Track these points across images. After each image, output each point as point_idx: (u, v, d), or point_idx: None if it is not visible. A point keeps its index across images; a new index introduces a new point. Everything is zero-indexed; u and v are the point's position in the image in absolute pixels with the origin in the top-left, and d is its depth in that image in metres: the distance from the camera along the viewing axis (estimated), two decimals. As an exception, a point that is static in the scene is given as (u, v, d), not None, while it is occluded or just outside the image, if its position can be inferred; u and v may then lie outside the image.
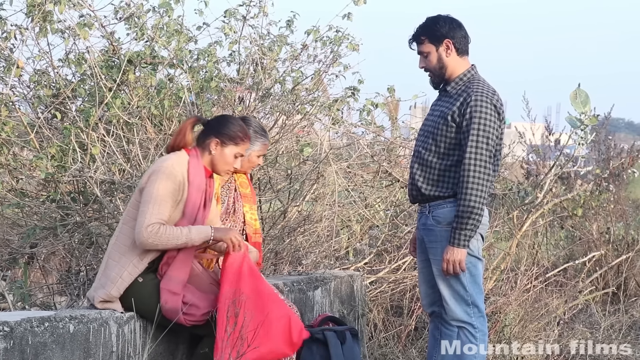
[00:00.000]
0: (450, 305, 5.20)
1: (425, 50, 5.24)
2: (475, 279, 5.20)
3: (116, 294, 4.74)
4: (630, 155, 9.67)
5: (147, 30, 7.00)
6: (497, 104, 5.07)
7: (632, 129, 58.10)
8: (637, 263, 9.52)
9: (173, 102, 6.84)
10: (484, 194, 5.00)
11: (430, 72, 5.28)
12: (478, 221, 5.02)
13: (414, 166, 5.32)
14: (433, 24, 5.24)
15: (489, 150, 5.01)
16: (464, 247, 5.03)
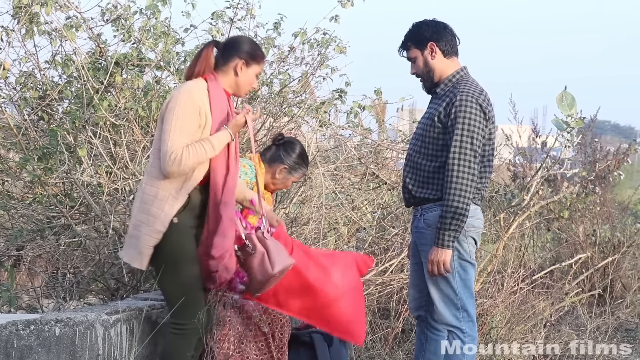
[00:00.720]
0: (440, 308, 5.19)
1: (412, 55, 5.27)
2: (466, 283, 5.19)
3: (162, 228, 4.66)
4: (616, 157, 9.67)
5: (134, 32, 7.00)
6: (483, 104, 5.06)
7: (618, 132, 58.25)
8: (623, 265, 9.54)
9: (160, 104, 6.83)
10: (468, 194, 4.98)
11: (420, 77, 5.31)
12: (462, 221, 5.00)
13: (405, 169, 5.34)
14: (417, 29, 5.28)
15: (474, 150, 5.00)
16: (448, 248, 5.02)
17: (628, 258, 9.73)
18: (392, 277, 7.18)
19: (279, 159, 5.65)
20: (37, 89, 6.93)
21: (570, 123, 7.96)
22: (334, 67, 7.64)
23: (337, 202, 7.64)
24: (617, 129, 63.77)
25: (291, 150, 5.68)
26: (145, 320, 4.92)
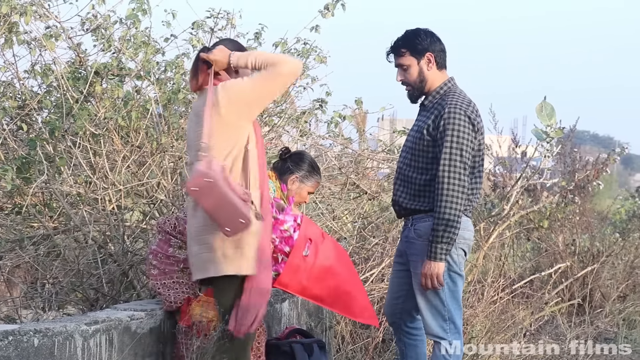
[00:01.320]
0: (427, 319, 5.19)
1: (405, 63, 5.22)
2: (454, 294, 5.19)
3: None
4: (595, 167, 9.73)
5: (114, 42, 6.98)
6: (471, 115, 5.05)
7: (597, 142, 58.58)
8: (602, 274, 9.59)
9: (140, 114, 6.82)
10: (459, 206, 4.99)
11: (409, 85, 5.27)
12: (454, 234, 5.00)
13: (396, 182, 5.35)
14: (414, 37, 5.22)
15: (464, 162, 5.00)
16: (441, 261, 5.02)
17: (607, 267, 9.79)
18: (372, 286, 7.19)
19: (288, 171, 5.60)
20: (16, 99, 6.91)
21: (549, 133, 7.99)
22: (314, 76, 7.66)
23: (317, 212, 7.65)
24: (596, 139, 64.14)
25: (299, 161, 5.64)
26: (124, 331, 4.90)
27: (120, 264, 6.27)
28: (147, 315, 5.10)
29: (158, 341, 5.16)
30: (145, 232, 6.82)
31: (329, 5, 7.47)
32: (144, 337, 5.04)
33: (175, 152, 6.83)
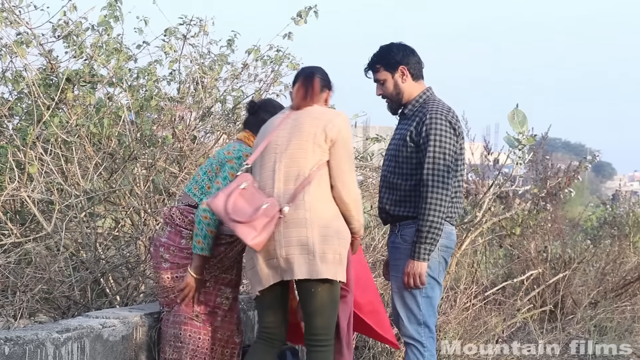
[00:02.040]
0: (404, 321, 5.28)
1: (381, 77, 5.36)
2: (431, 300, 5.28)
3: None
4: (566, 174, 9.78)
5: (86, 49, 6.96)
6: (452, 120, 5.18)
7: (568, 149, 58.99)
8: (574, 281, 9.64)
9: (112, 121, 6.80)
10: (444, 208, 5.10)
11: (388, 99, 5.41)
12: (438, 235, 5.11)
13: (381, 190, 5.44)
14: (387, 52, 5.36)
15: (447, 166, 5.11)
16: (424, 261, 5.13)
17: (578, 274, 9.84)
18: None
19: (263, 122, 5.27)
20: (-13, 106, 6.86)
21: (521, 140, 8.03)
22: (287, 84, 7.66)
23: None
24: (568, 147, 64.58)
25: (271, 107, 5.39)
26: (96, 339, 4.88)
27: (93, 272, 6.24)
28: (120, 323, 5.08)
29: (131, 349, 5.14)
30: (118, 240, 6.79)
31: (302, 13, 7.48)
32: (117, 345, 5.02)
33: (148, 159, 6.81)
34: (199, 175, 5.24)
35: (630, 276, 10.50)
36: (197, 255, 5.02)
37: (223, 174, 5.09)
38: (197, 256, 5.02)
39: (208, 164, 5.24)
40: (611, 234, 11.88)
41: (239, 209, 4.74)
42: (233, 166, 5.08)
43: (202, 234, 4.99)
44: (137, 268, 6.50)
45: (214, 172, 5.16)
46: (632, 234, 11.58)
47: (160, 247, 5.17)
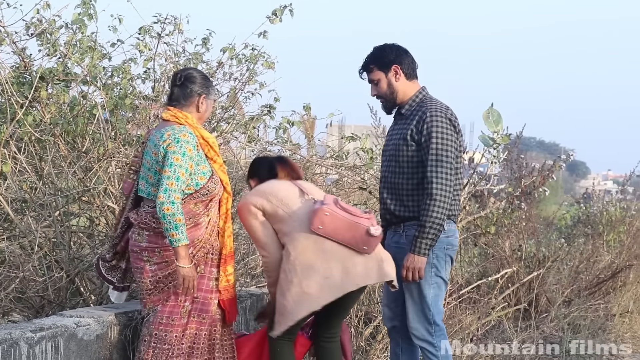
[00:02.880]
0: (414, 323, 5.35)
1: (375, 77, 5.44)
2: (438, 299, 5.35)
3: None
4: (541, 173, 9.82)
5: (59, 47, 6.92)
6: (452, 118, 5.27)
7: (543, 148, 59.27)
8: (548, 279, 9.69)
9: (87, 120, 6.76)
10: (447, 205, 5.17)
11: (382, 98, 5.48)
12: (439, 231, 5.18)
13: (383, 192, 5.50)
14: (380, 52, 5.45)
15: (449, 163, 5.19)
16: (424, 256, 5.19)
17: (552, 272, 9.89)
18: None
19: (192, 94, 5.24)
20: (-40, 104, 6.81)
21: (496, 139, 8.05)
22: (262, 82, 7.65)
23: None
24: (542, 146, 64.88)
25: (194, 79, 5.27)
26: (71, 338, 4.85)
27: (67, 271, 6.21)
28: (94, 322, 5.06)
29: (105, 348, 5.12)
30: (92, 238, 6.76)
31: (277, 11, 7.47)
32: (91, 344, 5.00)
33: (122, 158, 6.78)
34: (142, 171, 5.19)
35: (603, 274, 10.58)
36: (178, 248, 4.98)
37: (168, 162, 4.99)
38: (177, 248, 4.98)
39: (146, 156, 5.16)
40: (585, 232, 11.97)
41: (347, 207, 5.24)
42: (175, 151, 4.99)
43: (173, 225, 4.94)
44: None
45: (153, 163, 5.10)
46: (605, 233, 11.67)
47: (142, 252, 5.13)
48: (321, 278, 5.09)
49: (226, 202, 5.30)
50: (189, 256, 5.03)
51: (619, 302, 10.24)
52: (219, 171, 5.22)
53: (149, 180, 5.13)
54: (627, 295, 10.44)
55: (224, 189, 5.26)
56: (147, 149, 5.15)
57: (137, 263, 5.18)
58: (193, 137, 5.09)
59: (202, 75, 5.34)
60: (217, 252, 5.28)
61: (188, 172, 5.03)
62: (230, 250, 5.33)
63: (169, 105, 5.27)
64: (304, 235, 5.15)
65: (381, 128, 9.12)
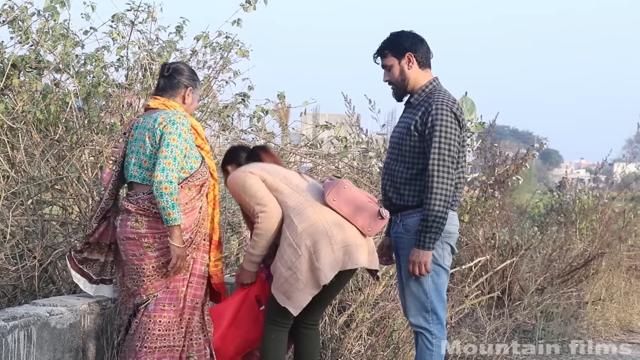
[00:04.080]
0: (411, 309, 5.39)
1: (388, 63, 5.44)
2: (438, 287, 5.37)
3: None
4: (514, 162, 9.85)
5: (31, 34, 6.87)
6: (457, 112, 5.26)
7: (516, 136, 59.42)
8: (521, 268, 9.73)
9: (59, 108, 6.73)
10: (448, 198, 5.18)
11: (393, 85, 5.48)
12: (442, 224, 5.19)
13: (384, 178, 5.52)
14: (396, 38, 5.46)
15: (452, 157, 5.20)
16: (429, 249, 5.21)
17: (525, 261, 9.94)
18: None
19: (179, 85, 5.31)
20: None
21: (470, 128, 8.09)
22: (236, 70, 7.63)
23: (238, 207, 7.61)
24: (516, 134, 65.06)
25: (182, 71, 5.35)
26: (44, 327, 4.84)
27: (40, 259, 6.18)
28: (68, 311, 5.05)
29: (78, 337, 5.10)
30: (65, 227, 6.73)
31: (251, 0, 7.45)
32: (64, 332, 4.98)
33: (96, 146, 6.75)
34: (134, 158, 5.19)
35: (576, 262, 10.64)
36: (173, 227, 5.02)
37: (165, 142, 5.04)
38: (172, 228, 5.02)
39: (137, 143, 5.18)
40: (558, 220, 12.01)
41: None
42: (171, 131, 5.05)
43: (170, 204, 4.99)
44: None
45: (148, 147, 5.13)
46: (578, 221, 11.72)
47: (142, 239, 5.14)
48: (329, 252, 5.15)
49: (213, 188, 5.36)
50: (182, 236, 5.06)
51: (591, 289, 10.30)
52: (206, 157, 5.26)
53: (143, 165, 5.16)
54: (599, 283, 10.50)
55: (211, 175, 5.31)
56: (137, 136, 5.19)
57: (134, 250, 5.17)
58: (187, 121, 5.16)
59: (190, 69, 5.42)
60: (208, 239, 5.34)
61: (183, 153, 5.10)
62: (219, 237, 5.41)
63: (155, 95, 5.32)
64: (311, 209, 5.22)
65: (355, 117, 9.13)
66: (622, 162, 16.11)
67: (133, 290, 5.23)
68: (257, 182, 5.28)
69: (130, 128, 5.29)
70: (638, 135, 15.52)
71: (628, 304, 10.51)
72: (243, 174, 5.34)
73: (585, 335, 9.03)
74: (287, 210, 5.24)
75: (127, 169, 5.24)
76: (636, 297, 10.85)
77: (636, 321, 10.23)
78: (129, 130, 5.28)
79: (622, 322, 9.96)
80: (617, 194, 13.00)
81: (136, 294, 5.21)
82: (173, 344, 5.18)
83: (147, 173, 5.13)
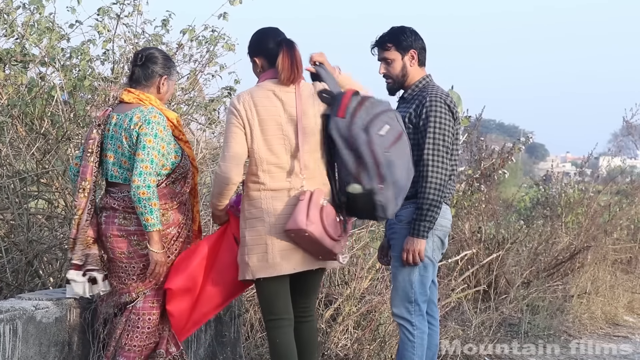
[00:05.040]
0: (395, 299, 5.42)
1: (390, 57, 5.45)
2: (423, 279, 5.39)
3: None
4: (501, 156, 9.88)
5: (17, 28, 6.86)
6: (450, 104, 5.33)
7: (502, 130, 59.54)
8: (507, 261, 9.75)
9: (45, 101, 6.71)
10: (442, 188, 5.23)
11: (391, 79, 5.49)
12: (437, 213, 5.24)
13: None
14: (401, 33, 5.47)
15: (446, 147, 5.26)
16: (424, 238, 5.25)
17: (512, 254, 9.96)
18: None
19: (153, 75, 5.15)
20: None
21: (458, 121, 8.07)
22: (222, 64, 7.63)
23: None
24: (502, 128, 65.18)
25: (156, 59, 5.17)
26: (29, 321, 4.83)
27: (25, 253, 6.17)
28: (53, 305, 5.03)
29: (64, 331, 5.09)
30: (51, 220, 6.72)
31: (237, -7, 7.44)
32: (50, 326, 4.97)
33: (81, 140, 6.74)
34: (113, 157, 5.07)
35: (561, 256, 10.67)
36: (152, 232, 4.94)
37: (141, 144, 4.93)
38: (151, 233, 4.94)
39: (114, 141, 5.05)
40: (544, 214, 12.05)
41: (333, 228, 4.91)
42: (147, 132, 4.94)
43: (148, 210, 4.91)
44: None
45: (126, 148, 5.02)
46: (564, 215, 11.76)
47: (131, 236, 5.05)
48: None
49: (193, 177, 5.28)
50: (161, 241, 5.00)
51: (577, 283, 10.33)
52: (185, 148, 5.21)
53: (123, 166, 5.05)
54: (585, 277, 10.54)
55: (192, 164, 5.24)
56: (114, 134, 5.06)
57: (122, 248, 5.08)
58: (162, 118, 5.05)
59: (164, 56, 5.26)
60: (191, 229, 5.30)
61: (160, 153, 4.98)
62: (199, 225, 5.36)
63: (129, 86, 5.20)
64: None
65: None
66: (607, 155, 16.17)
67: (119, 288, 5.14)
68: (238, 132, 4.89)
69: (105, 120, 5.13)
70: (623, 129, 15.61)
71: (613, 297, 10.55)
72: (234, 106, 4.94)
73: (571, 329, 9.07)
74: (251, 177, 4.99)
75: (106, 166, 5.11)
76: (621, 290, 10.89)
77: (621, 314, 10.27)
78: (104, 123, 5.13)
79: (607, 316, 10.01)
80: (603, 188, 13.05)
81: (123, 292, 5.13)
82: (155, 340, 5.17)
83: (128, 173, 5.02)
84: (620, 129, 16.09)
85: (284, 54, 4.90)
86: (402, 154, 4.92)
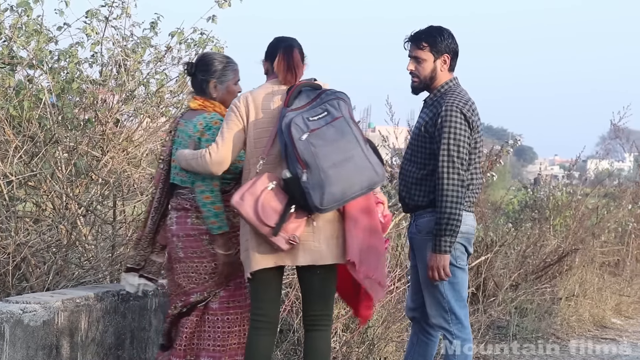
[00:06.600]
0: (430, 311, 5.35)
1: (422, 56, 5.31)
2: (455, 287, 5.30)
3: None
4: (489, 158, 9.88)
5: (4, 30, 6.84)
6: (467, 113, 5.17)
7: (491, 133, 59.63)
8: (496, 264, 9.76)
9: (33, 104, 6.69)
10: (459, 200, 5.10)
11: (418, 78, 5.35)
12: (456, 226, 5.12)
13: (400, 177, 5.50)
14: (438, 34, 5.32)
15: (461, 158, 5.13)
16: (446, 253, 5.14)
17: (500, 257, 9.97)
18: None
19: (201, 83, 5.27)
20: None
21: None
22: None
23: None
24: (490, 131, 65.26)
25: (207, 64, 5.28)
26: (17, 324, 4.82)
27: (13, 256, 6.14)
28: (41, 308, 5.02)
29: (52, 334, 5.08)
30: (39, 224, 6.70)
31: (226, -5, 7.44)
32: (37, 330, 4.96)
33: (69, 143, 6.73)
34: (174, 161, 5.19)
35: (550, 259, 10.69)
36: (218, 235, 5.04)
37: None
38: (217, 236, 5.04)
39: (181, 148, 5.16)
40: (532, 217, 12.07)
41: (268, 213, 4.77)
42: (208, 139, 5.03)
43: (212, 213, 5.01)
44: (59, 252, 6.42)
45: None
46: (552, 217, 11.78)
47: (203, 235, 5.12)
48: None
49: None
50: (227, 243, 5.08)
51: (565, 285, 10.36)
52: None
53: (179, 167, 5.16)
54: (573, 279, 10.57)
55: None
56: (180, 140, 5.20)
57: (195, 247, 5.15)
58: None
59: (205, 61, 5.32)
60: None
61: None
62: None
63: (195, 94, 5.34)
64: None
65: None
66: (595, 158, 16.20)
67: (189, 288, 5.19)
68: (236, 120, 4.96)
69: (175, 126, 5.32)
70: (611, 132, 15.64)
71: (601, 299, 10.59)
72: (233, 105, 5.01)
73: (559, 331, 9.09)
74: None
75: (175, 171, 5.24)
76: (609, 292, 10.93)
77: (609, 317, 10.31)
78: (175, 129, 5.31)
79: (595, 318, 10.04)
80: (591, 191, 13.09)
81: (193, 292, 5.18)
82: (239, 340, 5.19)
83: (195, 177, 5.09)
84: (608, 132, 16.14)
85: (280, 58, 5.01)
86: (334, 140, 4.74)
